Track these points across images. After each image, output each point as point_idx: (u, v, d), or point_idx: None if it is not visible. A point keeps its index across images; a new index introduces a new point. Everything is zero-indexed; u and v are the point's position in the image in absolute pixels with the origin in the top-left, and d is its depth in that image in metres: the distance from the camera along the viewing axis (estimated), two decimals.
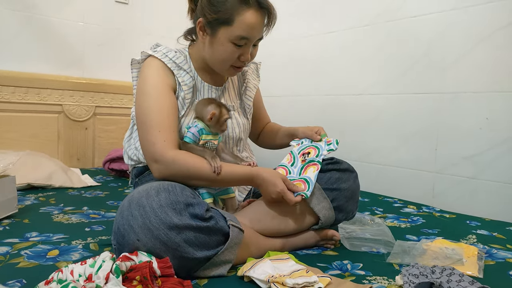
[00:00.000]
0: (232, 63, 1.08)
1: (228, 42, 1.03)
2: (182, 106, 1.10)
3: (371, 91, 2.06)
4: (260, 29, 1.05)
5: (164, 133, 1.00)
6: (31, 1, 2.22)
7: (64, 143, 2.32)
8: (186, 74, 1.11)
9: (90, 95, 2.38)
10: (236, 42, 1.03)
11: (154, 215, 0.83)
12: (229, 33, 1.02)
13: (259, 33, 1.06)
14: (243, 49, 1.06)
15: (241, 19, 1.01)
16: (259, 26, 1.05)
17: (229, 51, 1.05)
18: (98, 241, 1.10)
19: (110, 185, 1.94)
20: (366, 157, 2.09)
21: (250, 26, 1.02)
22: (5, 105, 2.12)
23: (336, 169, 1.13)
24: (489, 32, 1.61)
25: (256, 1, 1.02)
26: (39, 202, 1.53)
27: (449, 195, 1.74)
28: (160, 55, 1.09)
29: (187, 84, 1.10)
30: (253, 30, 1.03)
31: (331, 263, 1.01)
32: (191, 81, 1.11)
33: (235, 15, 1.00)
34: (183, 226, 0.83)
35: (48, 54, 2.30)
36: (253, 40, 1.06)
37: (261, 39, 1.09)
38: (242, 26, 1.01)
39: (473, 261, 1.00)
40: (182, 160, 0.98)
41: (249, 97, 1.25)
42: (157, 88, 1.05)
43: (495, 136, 1.61)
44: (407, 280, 0.83)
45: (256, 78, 1.30)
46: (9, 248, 1.01)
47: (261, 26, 1.05)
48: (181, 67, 1.10)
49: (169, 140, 1.00)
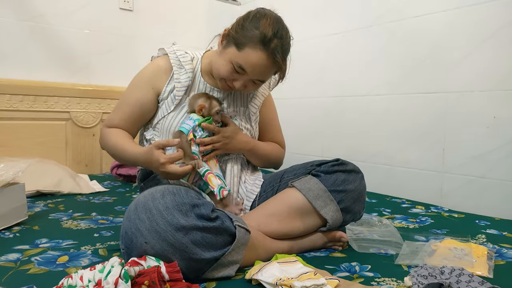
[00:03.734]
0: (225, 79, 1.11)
1: (229, 62, 1.06)
2: (172, 101, 1.15)
3: (377, 92, 2.05)
4: (263, 73, 1.08)
5: (115, 115, 1.18)
6: (38, 11, 2.25)
7: (72, 149, 2.34)
8: (185, 73, 1.15)
9: (97, 101, 2.40)
10: (235, 67, 1.06)
11: (161, 217, 0.84)
12: (234, 55, 1.05)
13: (261, 75, 1.08)
14: (239, 76, 1.08)
15: (249, 52, 1.03)
16: (264, 69, 1.06)
17: (226, 70, 1.08)
18: (107, 247, 1.11)
19: (118, 191, 1.95)
20: (373, 158, 2.08)
21: (252, 64, 1.04)
22: (13, 113, 2.15)
23: (341, 171, 1.13)
24: (494, 30, 1.60)
25: (272, 50, 1.03)
26: (48, 208, 1.55)
27: (458, 195, 1.73)
28: (170, 51, 1.17)
29: (181, 82, 1.15)
30: (254, 69, 1.05)
31: (339, 265, 1.00)
32: (188, 80, 1.15)
33: (247, 46, 1.03)
34: (189, 227, 0.84)
35: (55, 62, 2.33)
36: (252, 76, 1.08)
37: (263, 82, 1.12)
38: (246, 59, 1.04)
39: (483, 261, 1.00)
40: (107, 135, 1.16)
41: (255, 105, 1.24)
42: (138, 84, 1.18)
43: (503, 134, 1.59)
44: (416, 281, 0.83)
45: (267, 88, 1.29)
46: (19, 255, 1.02)
47: (266, 70, 1.07)
48: (183, 66, 1.16)
49: (116, 122, 1.17)
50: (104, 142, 1.18)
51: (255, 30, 1.03)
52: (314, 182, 1.10)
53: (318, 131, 2.37)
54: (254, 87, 1.14)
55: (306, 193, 1.08)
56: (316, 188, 1.09)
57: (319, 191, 1.08)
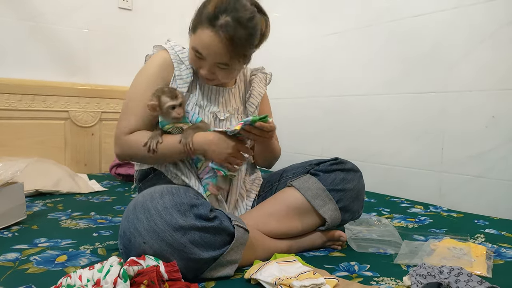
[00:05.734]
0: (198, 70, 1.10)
1: (191, 49, 1.07)
2: None
3: (376, 91, 2.05)
4: (219, 54, 1.02)
5: (131, 120, 1.08)
6: (37, 10, 2.24)
7: (71, 149, 2.34)
8: (186, 69, 1.12)
9: (95, 101, 2.40)
10: (194, 53, 1.06)
11: (159, 217, 0.84)
12: (192, 41, 1.06)
13: (219, 57, 1.02)
14: (202, 62, 1.06)
15: (199, 34, 1.02)
16: (217, 50, 1.01)
17: (191, 58, 1.09)
18: (106, 246, 1.11)
19: (117, 190, 1.95)
20: (372, 158, 2.08)
21: (204, 45, 1.02)
22: (12, 112, 2.15)
23: (340, 169, 1.13)
24: (493, 30, 1.60)
25: (220, 27, 0.98)
26: (47, 208, 1.54)
27: (457, 194, 1.73)
28: (168, 47, 1.14)
29: (183, 79, 1.12)
30: (208, 51, 1.02)
31: (338, 264, 1.01)
32: (189, 76, 1.12)
33: (198, 27, 1.02)
34: (188, 227, 0.84)
35: (54, 62, 2.32)
36: (210, 60, 1.03)
37: (227, 65, 1.05)
38: (198, 41, 1.03)
39: (482, 260, 1.00)
40: (133, 141, 1.06)
41: (252, 104, 1.23)
42: (148, 81, 1.11)
43: (502, 134, 1.59)
44: (415, 281, 0.83)
45: (263, 87, 1.27)
46: (18, 254, 1.02)
47: (220, 51, 1.01)
48: (183, 61, 1.13)
49: (133, 126, 1.08)
50: (131, 149, 1.07)
51: (204, 9, 1.02)
52: (312, 181, 1.10)
53: (318, 130, 2.37)
54: (226, 74, 1.08)
55: (304, 192, 1.08)
56: (314, 187, 1.09)
57: (317, 190, 1.09)
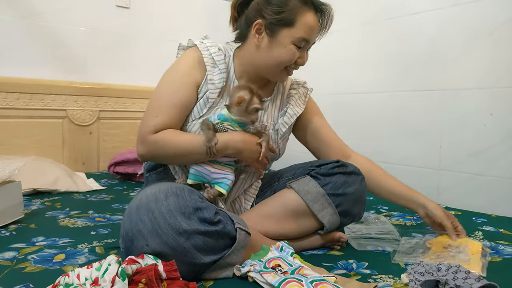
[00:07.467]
0: (287, 65, 1.08)
1: (290, 43, 1.04)
2: (205, 104, 1.07)
3: (373, 89, 2.05)
4: (317, 32, 1.08)
5: (159, 119, 1.03)
6: (35, 9, 2.23)
7: (69, 147, 2.33)
8: (220, 73, 1.07)
9: (93, 99, 2.39)
10: (298, 43, 1.05)
11: (163, 220, 0.82)
12: (292, 34, 1.04)
13: (316, 36, 1.09)
14: (301, 51, 1.07)
15: (303, 21, 1.03)
16: (317, 28, 1.07)
17: (291, 53, 1.05)
18: (104, 245, 1.10)
19: (115, 189, 1.94)
20: (370, 156, 2.05)
21: (311, 28, 1.05)
22: (10, 111, 2.14)
23: (341, 173, 1.09)
24: (491, 28, 1.60)
25: (315, 4, 1.05)
26: (45, 207, 1.54)
27: (455, 192, 1.73)
28: (202, 47, 1.08)
29: (215, 84, 1.06)
30: (313, 32, 1.06)
31: (336, 262, 1.01)
32: (222, 82, 1.07)
33: (297, 16, 1.02)
34: (191, 231, 0.83)
35: (51, 60, 2.31)
36: (311, 42, 1.08)
37: (314, 43, 1.11)
38: (304, 28, 1.03)
39: (477, 258, 0.99)
40: (166, 140, 1.01)
41: (285, 123, 1.18)
42: (179, 82, 1.06)
43: (500, 132, 1.60)
44: (413, 278, 0.83)
45: (301, 105, 1.21)
46: (16, 253, 1.02)
47: (318, 29, 1.08)
48: (217, 65, 1.07)
49: (160, 125, 1.02)
50: (160, 149, 1.03)
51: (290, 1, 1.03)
52: (312, 184, 1.07)
53: None
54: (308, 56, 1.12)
55: (303, 195, 1.06)
56: (314, 191, 1.06)
57: (317, 195, 1.06)
